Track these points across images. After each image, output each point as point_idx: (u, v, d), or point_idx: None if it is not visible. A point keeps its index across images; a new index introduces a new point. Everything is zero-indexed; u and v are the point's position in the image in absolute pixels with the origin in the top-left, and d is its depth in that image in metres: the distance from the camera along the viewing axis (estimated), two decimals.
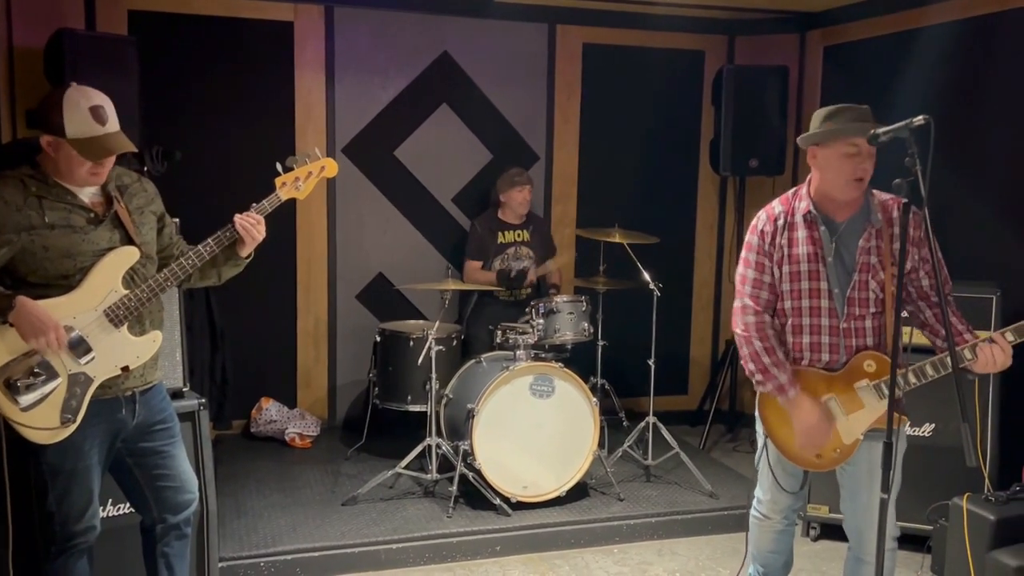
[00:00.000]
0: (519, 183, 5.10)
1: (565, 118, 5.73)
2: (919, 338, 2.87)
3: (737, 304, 2.84)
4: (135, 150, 2.53)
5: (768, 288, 2.79)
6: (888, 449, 2.37)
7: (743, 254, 2.85)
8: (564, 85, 5.69)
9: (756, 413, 2.92)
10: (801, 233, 2.74)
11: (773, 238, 2.77)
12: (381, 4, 5.26)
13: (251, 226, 2.66)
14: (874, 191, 2.76)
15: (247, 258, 2.77)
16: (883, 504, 2.41)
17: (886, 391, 2.64)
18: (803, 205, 2.76)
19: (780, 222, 2.78)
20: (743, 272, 2.83)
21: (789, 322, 2.78)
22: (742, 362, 2.84)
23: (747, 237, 2.85)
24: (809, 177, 2.81)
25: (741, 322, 2.81)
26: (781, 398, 2.74)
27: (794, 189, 2.85)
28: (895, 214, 2.69)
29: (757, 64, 5.62)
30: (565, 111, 5.72)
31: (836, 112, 2.69)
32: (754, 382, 2.81)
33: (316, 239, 5.38)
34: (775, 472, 2.87)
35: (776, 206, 2.83)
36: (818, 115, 2.74)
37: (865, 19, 5.17)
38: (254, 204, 2.70)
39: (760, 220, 2.83)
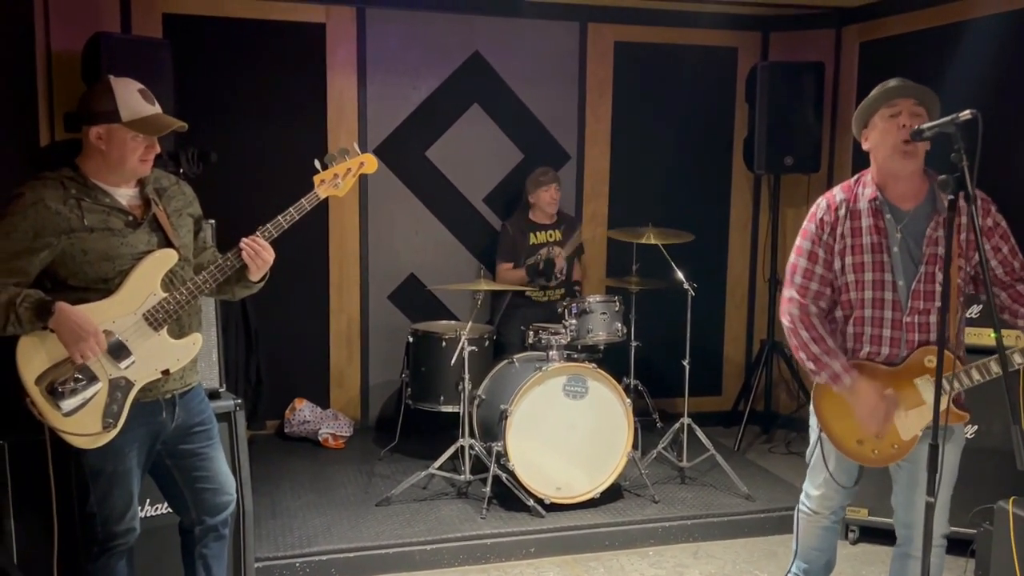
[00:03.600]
0: (545, 182, 5.09)
1: (597, 117, 5.70)
2: (970, 338, 2.81)
3: (784, 294, 2.77)
4: (185, 125, 2.52)
5: (819, 279, 2.71)
6: (934, 451, 2.33)
7: (797, 241, 2.76)
8: (596, 84, 5.66)
9: (810, 407, 2.85)
10: (865, 222, 2.65)
11: (833, 228, 2.68)
12: (412, 5, 5.27)
13: (255, 254, 2.58)
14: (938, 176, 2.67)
15: (259, 282, 2.70)
16: (928, 507, 2.37)
17: (947, 387, 2.51)
18: (868, 192, 2.67)
19: (842, 211, 2.68)
20: (794, 261, 2.75)
21: (852, 313, 2.70)
22: (792, 352, 2.78)
23: (804, 224, 2.75)
24: (871, 168, 2.73)
25: (787, 313, 2.74)
26: (837, 387, 2.67)
27: (856, 176, 2.75)
28: (960, 201, 2.55)
29: (792, 60, 5.55)
30: (597, 110, 5.69)
31: (884, 83, 2.65)
32: (808, 371, 2.75)
33: (348, 240, 5.40)
34: (829, 467, 2.80)
35: (837, 194, 2.73)
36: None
37: (903, 13, 5.09)
38: (259, 227, 2.61)
39: (820, 208, 2.73)
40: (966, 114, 2.25)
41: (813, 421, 2.85)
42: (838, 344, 2.71)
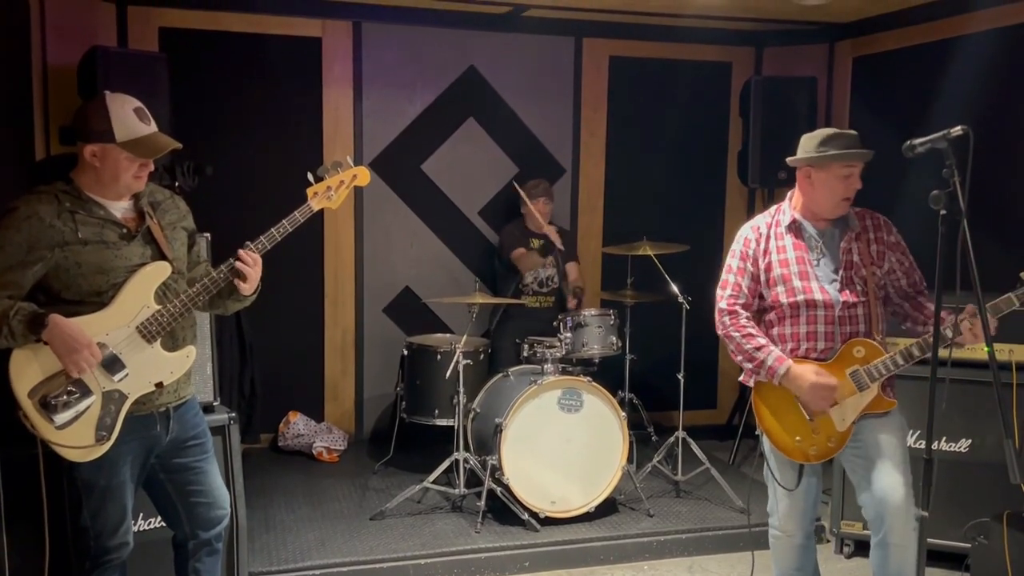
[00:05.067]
0: (534, 195, 5.11)
1: (591, 131, 5.72)
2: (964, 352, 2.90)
3: (717, 308, 3.00)
4: (179, 146, 2.53)
5: (747, 292, 2.97)
6: (928, 466, 2.37)
7: (728, 261, 3.03)
8: (590, 98, 5.69)
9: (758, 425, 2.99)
10: (788, 240, 2.95)
11: (758, 244, 2.97)
12: (408, 19, 5.30)
13: (247, 269, 2.57)
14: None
15: (251, 295, 2.68)
16: (923, 522, 2.40)
17: (876, 374, 2.81)
18: (787, 218, 2.97)
19: (763, 231, 2.98)
20: (724, 277, 3.02)
21: (787, 317, 2.93)
22: (733, 358, 2.99)
23: (733, 247, 3.03)
24: (790, 194, 3.00)
25: (719, 323, 2.99)
26: (776, 380, 2.87)
27: (775, 206, 3.04)
28: (868, 222, 2.96)
29: (785, 75, 5.59)
30: (591, 124, 5.72)
31: (832, 137, 2.86)
32: (746, 372, 2.98)
33: (343, 253, 5.41)
34: (772, 470, 2.97)
35: (759, 221, 3.03)
36: (811, 139, 2.91)
37: (895, 29, 5.12)
38: (248, 243, 2.60)
39: (744, 230, 3.03)
40: (957, 130, 2.31)
41: (759, 430, 3.00)
42: (772, 341, 2.93)
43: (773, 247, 2.95)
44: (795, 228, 2.95)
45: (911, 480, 2.78)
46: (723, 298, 2.99)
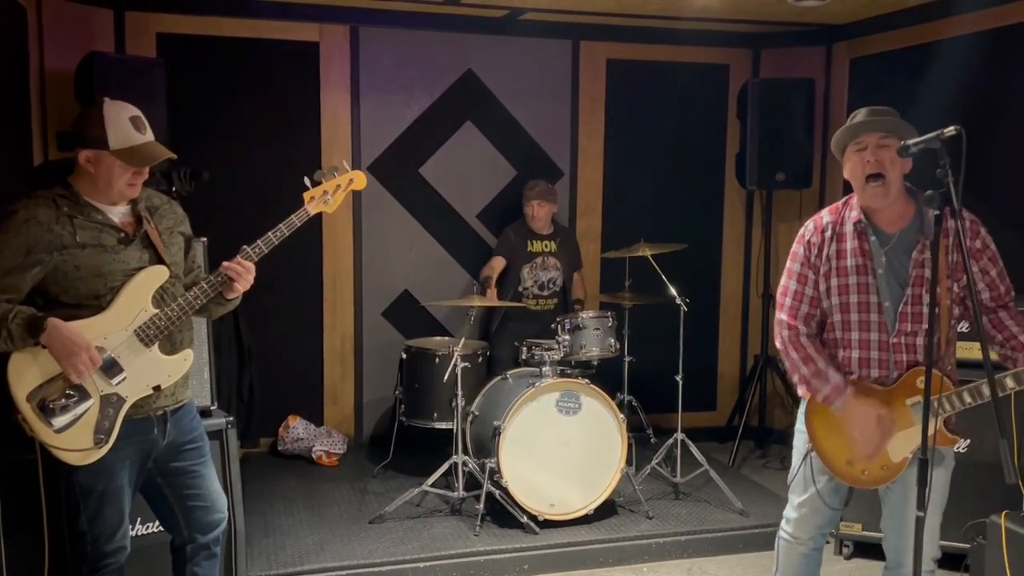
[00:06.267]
0: (529, 197, 5.13)
1: (589, 134, 5.73)
2: (961, 352, 2.83)
3: (776, 317, 2.79)
4: (174, 156, 2.54)
5: (809, 301, 2.73)
6: (924, 466, 2.33)
7: (788, 264, 2.78)
8: (588, 101, 5.69)
9: (796, 426, 2.85)
10: (850, 244, 2.66)
11: (820, 249, 2.70)
12: (406, 23, 5.30)
13: (239, 276, 2.59)
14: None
15: (233, 300, 2.70)
16: (919, 522, 2.37)
17: (939, 409, 2.51)
18: (854, 214, 2.68)
19: (828, 233, 2.70)
20: (784, 283, 2.78)
21: (839, 336, 2.70)
22: (788, 374, 2.82)
23: (793, 247, 2.78)
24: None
25: (778, 336, 2.77)
26: (832, 408, 2.66)
27: (845, 198, 2.76)
28: (947, 224, 2.48)
29: (783, 77, 5.59)
30: (589, 127, 5.72)
31: (850, 119, 2.66)
32: (801, 392, 2.78)
33: (342, 257, 5.41)
34: (818, 486, 2.76)
35: (825, 216, 2.75)
36: None
37: (891, 31, 5.13)
38: (245, 247, 2.62)
39: (807, 230, 2.75)
40: (951, 130, 2.26)
41: (798, 441, 2.84)
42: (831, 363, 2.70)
43: (835, 251, 2.67)
44: (861, 230, 2.64)
45: (940, 522, 2.66)
46: (784, 307, 2.74)
